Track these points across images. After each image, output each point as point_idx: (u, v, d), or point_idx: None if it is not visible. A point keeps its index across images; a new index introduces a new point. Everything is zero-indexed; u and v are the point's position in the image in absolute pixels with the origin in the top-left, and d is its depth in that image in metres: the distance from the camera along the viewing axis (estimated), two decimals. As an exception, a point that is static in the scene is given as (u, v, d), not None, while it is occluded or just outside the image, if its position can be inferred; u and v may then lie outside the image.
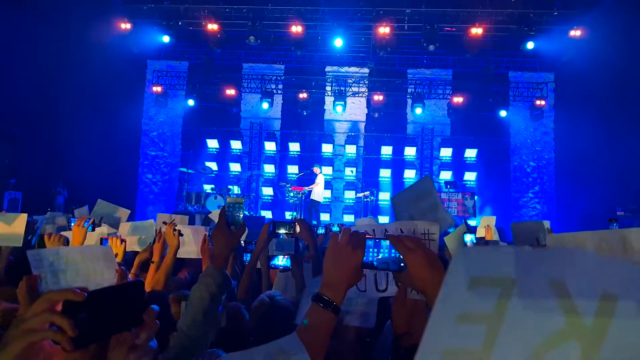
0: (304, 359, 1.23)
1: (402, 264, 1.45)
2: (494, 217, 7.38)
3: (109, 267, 2.46)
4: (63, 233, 4.21)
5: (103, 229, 4.52)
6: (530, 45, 15.32)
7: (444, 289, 0.72)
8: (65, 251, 2.44)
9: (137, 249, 4.32)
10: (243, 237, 4.47)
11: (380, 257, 1.51)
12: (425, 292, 1.45)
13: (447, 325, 0.70)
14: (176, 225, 3.62)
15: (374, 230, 1.81)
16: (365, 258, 1.50)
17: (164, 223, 3.83)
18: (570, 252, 0.69)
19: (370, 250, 1.52)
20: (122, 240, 3.71)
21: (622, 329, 0.63)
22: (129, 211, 5.12)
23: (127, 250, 3.83)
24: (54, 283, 2.33)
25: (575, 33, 14.83)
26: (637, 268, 0.66)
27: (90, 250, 2.50)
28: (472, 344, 0.68)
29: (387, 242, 1.49)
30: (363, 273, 1.53)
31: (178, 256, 4.05)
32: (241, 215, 2.01)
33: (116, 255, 3.56)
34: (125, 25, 15.86)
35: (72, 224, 3.89)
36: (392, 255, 1.49)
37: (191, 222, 9.42)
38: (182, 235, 3.65)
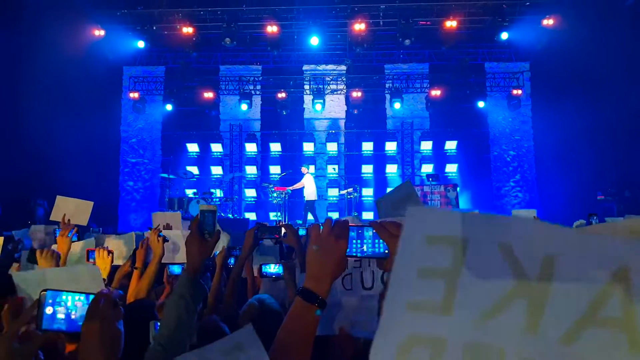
0: (259, 353, 1.21)
1: (386, 251, 1.45)
2: (477, 212, 7.38)
3: (96, 287, 2.44)
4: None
5: (91, 241, 4.45)
6: (504, 35, 15.46)
7: (402, 244, 0.78)
8: (51, 273, 2.42)
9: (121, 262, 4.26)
10: (227, 243, 4.44)
11: (364, 248, 1.51)
12: None
13: (409, 278, 0.75)
14: (161, 231, 3.56)
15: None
16: (348, 250, 1.49)
17: (155, 234, 3.76)
18: (515, 218, 0.75)
19: (354, 241, 1.51)
20: (110, 252, 3.66)
21: (562, 288, 0.69)
22: (92, 203, 4.97)
23: (113, 263, 3.78)
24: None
25: (548, 22, 15.00)
26: (573, 232, 0.73)
27: (76, 270, 2.47)
28: (433, 296, 0.73)
29: (370, 232, 1.49)
30: (345, 273, 1.53)
31: (168, 262, 4.01)
32: (215, 223, 1.95)
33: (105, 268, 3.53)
34: (99, 32, 15.67)
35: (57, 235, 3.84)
36: (376, 244, 1.49)
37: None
38: (167, 241, 3.60)
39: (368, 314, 1.98)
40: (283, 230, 3.20)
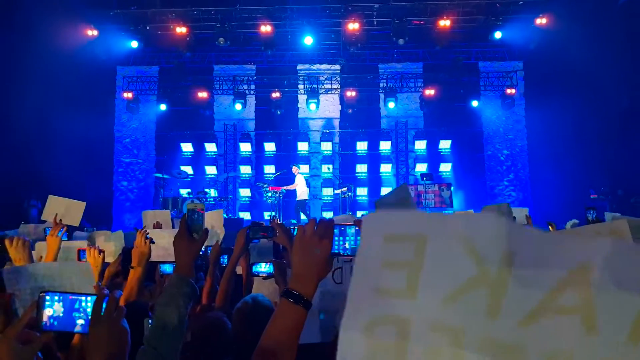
0: None
1: None
2: (471, 211, 7.36)
3: (88, 283, 2.44)
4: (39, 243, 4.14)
5: (83, 242, 4.43)
6: (498, 35, 15.55)
7: (362, 244, 0.82)
8: (42, 268, 2.41)
9: (111, 260, 4.25)
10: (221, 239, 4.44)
11: (346, 245, 1.50)
12: None
13: (373, 269, 0.79)
14: (148, 233, 3.53)
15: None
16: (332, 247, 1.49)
17: (142, 236, 3.73)
18: (475, 216, 0.80)
19: (336, 238, 1.51)
20: (100, 251, 3.65)
21: (521, 278, 0.74)
22: (84, 203, 4.95)
23: (105, 261, 3.76)
24: (29, 301, 2.29)
25: (541, 21, 15.05)
26: (534, 230, 0.77)
27: (68, 266, 2.47)
28: (397, 283, 0.77)
29: (353, 230, 1.49)
30: (337, 266, 1.52)
31: (157, 260, 4.01)
32: (203, 222, 1.95)
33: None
34: (92, 32, 15.62)
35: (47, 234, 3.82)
36: (358, 242, 1.49)
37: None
38: (153, 242, 3.57)
39: None
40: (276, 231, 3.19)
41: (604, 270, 0.71)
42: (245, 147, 17.52)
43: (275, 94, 16.67)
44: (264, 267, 3.56)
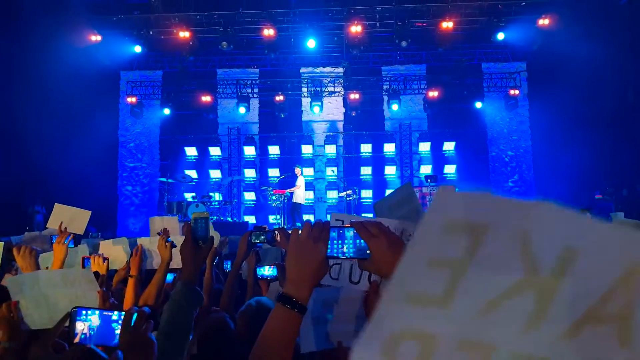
0: None
1: (367, 251, 1.43)
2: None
3: (90, 290, 2.45)
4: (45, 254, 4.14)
5: (84, 247, 4.43)
6: (500, 36, 15.54)
7: (419, 231, 0.74)
8: (45, 276, 2.42)
9: (117, 267, 4.23)
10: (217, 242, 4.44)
11: (344, 248, 1.49)
12: (389, 277, 1.44)
13: (416, 268, 0.71)
14: (169, 237, 3.53)
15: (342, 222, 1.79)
16: (330, 251, 1.47)
17: (158, 234, 3.71)
18: (538, 204, 0.70)
19: (335, 242, 1.50)
20: (105, 259, 3.65)
21: (574, 284, 0.65)
22: (89, 212, 4.96)
23: (110, 268, 3.76)
24: (35, 307, 2.31)
25: (544, 22, 15.01)
26: (599, 224, 0.67)
27: (71, 273, 2.48)
28: (435, 288, 0.69)
29: (351, 232, 1.47)
30: (329, 265, 1.51)
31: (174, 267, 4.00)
32: (208, 230, 1.96)
33: (98, 274, 3.51)
34: (95, 37, 15.66)
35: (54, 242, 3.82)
36: (357, 245, 1.48)
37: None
38: (175, 246, 3.56)
39: (362, 323, 1.97)
40: (277, 236, 3.20)
41: None
42: (250, 151, 17.53)
43: (279, 97, 16.69)
44: (267, 270, 3.56)
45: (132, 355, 1.52)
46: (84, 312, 1.67)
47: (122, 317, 1.58)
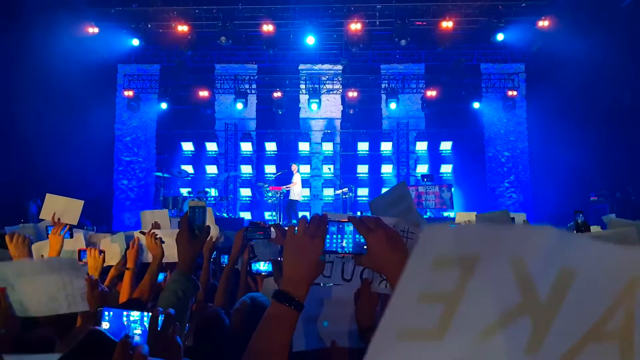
0: None
1: (364, 247, 1.42)
2: (474, 213, 7.22)
3: (77, 277, 2.44)
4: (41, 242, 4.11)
5: (80, 238, 4.39)
6: (500, 36, 15.56)
7: (408, 268, 0.72)
8: (29, 264, 2.41)
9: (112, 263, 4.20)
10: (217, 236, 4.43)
11: (344, 243, 1.49)
12: (385, 272, 1.42)
13: (407, 304, 0.70)
14: (157, 235, 3.51)
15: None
16: (329, 245, 1.47)
17: (142, 233, 3.68)
18: (531, 228, 0.69)
19: (334, 236, 1.49)
20: (101, 252, 3.62)
21: (574, 303, 0.64)
22: (82, 202, 4.91)
23: (106, 264, 3.73)
24: (22, 295, 2.30)
25: (543, 23, 15.04)
26: (595, 243, 0.67)
27: (56, 261, 2.47)
28: (426, 323, 0.68)
29: (351, 227, 1.47)
30: (327, 260, 1.49)
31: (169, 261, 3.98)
32: (205, 219, 1.95)
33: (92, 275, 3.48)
34: (93, 30, 15.56)
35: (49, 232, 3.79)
36: (356, 240, 1.47)
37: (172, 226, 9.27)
38: (164, 242, 3.55)
39: (354, 324, 1.97)
40: (273, 232, 3.18)
41: None
42: (246, 147, 17.50)
43: (277, 94, 16.65)
44: (262, 266, 3.55)
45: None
46: (107, 312, 1.68)
47: (149, 318, 1.57)
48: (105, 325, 1.66)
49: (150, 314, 1.55)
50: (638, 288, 0.63)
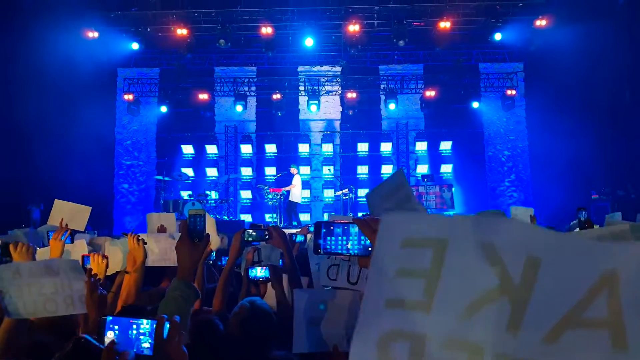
0: None
1: (369, 249, 1.43)
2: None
3: (77, 279, 2.43)
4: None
5: (83, 244, 4.39)
6: (498, 36, 15.55)
7: (377, 248, 0.79)
8: (26, 266, 2.40)
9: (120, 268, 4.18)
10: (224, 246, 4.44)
11: (349, 245, 1.49)
12: None
13: (387, 278, 0.76)
14: (139, 237, 3.48)
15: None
16: (334, 246, 1.48)
17: (138, 240, 3.65)
18: (498, 219, 0.75)
19: (339, 238, 1.50)
20: (105, 257, 3.60)
21: (546, 288, 0.70)
22: (89, 208, 4.92)
23: (110, 271, 3.72)
24: (18, 297, 2.30)
25: (541, 23, 15.05)
26: (557, 234, 0.72)
27: (54, 263, 2.46)
28: (413, 295, 0.74)
29: (356, 229, 1.47)
30: (334, 262, 1.51)
31: (156, 265, 3.98)
32: (204, 226, 1.96)
33: (96, 273, 3.47)
34: (93, 34, 15.59)
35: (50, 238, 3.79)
36: (362, 242, 1.47)
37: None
38: (146, 244, 3.51)
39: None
40: (271, 234, 3.16)
41: (632, 280, 0.66)
42: (246, 149, 17.52)
43: (276, 96, 16.67)
44: (260, 272, 3.54)
45: None
46: (112, 320, 1.68)
47: (154, 326, 1.56)
48: (110, 334, 1.65)
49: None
50: (618, 280, 0.66)
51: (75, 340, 1.34)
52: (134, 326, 1.63)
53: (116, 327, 1.64)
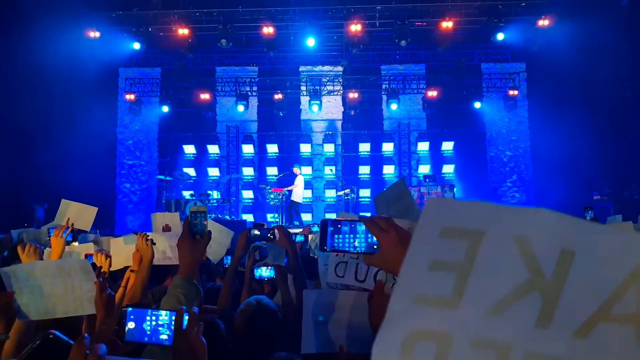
0: None
1: (374, 247, 1.43)
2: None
3: (87, 279, 2.43)
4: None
5: (90, 245, 4.39)
6: (500, 36, 15.56)
7: (416, 236, 0.77)
8: (40, 266, 2.40)
9: (127, 264, 4.18)
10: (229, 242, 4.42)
11: (356, 242, 1.49)
12: (396, 272, 1.43)
13: (420, 270, 0.74)
14: (148, 236, 3.49)
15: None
16: (341, 244, 1.48)
17: (143, 238, 3.65)
18: (533, 210, 0.74)
19: (347, 236, 1.50)
20: (107, 256, 3.61)
21: (578, 283, 0.68)
22: (96, 208, 4.92)
23: (115, 268, 3.71)
24: (31, 298, 2.29)
25: (543, 22, 15.03)
26: (593, 225, 0.71)
27: (67, 263, 2.46)
28: (442, 291, 0.72)
29: (363, 227, 1.47)
30: (341, 260, 1.51)
31: (160, 264, 3.97)
32: (206, 224, 1.96)
33: (105, 271, 3.46)
34: (94, 34, 15.59)
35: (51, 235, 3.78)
36: (368, 240, 1.47)
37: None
38: (154, 244, 3.52)
39: (364, 329, 1.94)
40: (277, 234, 3.16)
41: None
42: (248, 149, 17.51)
43: (278, 96, 16.66)
44: (265, 272, 3.53)
45: (184, 358, 1.50)
46: (137, 312, 1.69)
47: (173, 317, 1.57)
48: (130, 324, 1.67)
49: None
50: None
51: (43, 335, 1.33)
52: (153, 317, 1.64)
53: (141, 317, 1.66)
